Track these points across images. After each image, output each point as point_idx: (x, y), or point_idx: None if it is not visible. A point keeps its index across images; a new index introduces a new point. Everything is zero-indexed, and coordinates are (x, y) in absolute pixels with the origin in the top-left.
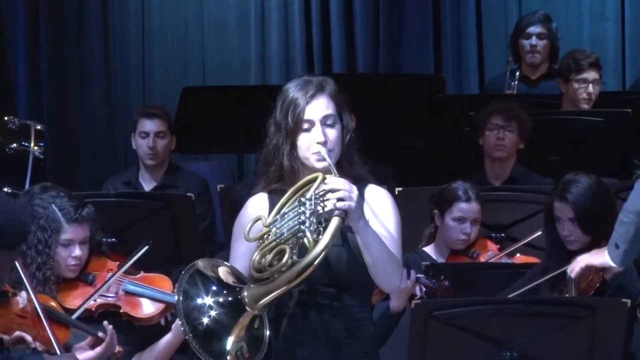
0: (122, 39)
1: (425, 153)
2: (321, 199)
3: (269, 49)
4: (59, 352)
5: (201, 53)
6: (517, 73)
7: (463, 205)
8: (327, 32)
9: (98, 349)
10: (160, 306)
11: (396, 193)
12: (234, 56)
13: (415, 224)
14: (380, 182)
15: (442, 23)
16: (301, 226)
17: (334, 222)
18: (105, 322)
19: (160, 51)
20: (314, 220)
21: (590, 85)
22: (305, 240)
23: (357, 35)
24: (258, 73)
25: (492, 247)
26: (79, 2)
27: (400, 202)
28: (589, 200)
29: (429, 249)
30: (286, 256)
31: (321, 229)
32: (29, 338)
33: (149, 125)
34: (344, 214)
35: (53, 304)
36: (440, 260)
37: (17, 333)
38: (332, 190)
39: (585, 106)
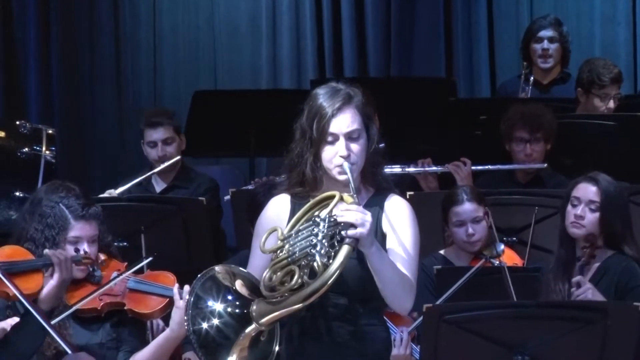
0: (133, 42)
1: (437, 156)
2: (334, 222)
3: (280, 52)
4: (29, 307)
5: (212, 57)
6: (532, 78)
7: (456, 208)
8: (339, 35)
9: (55, 276)
10: (163, 301)
11: (407, 197)
12: (245, 60)
13: (426, 228)
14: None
15: (454, 26)
16: (312, 249)
17: (344, 250)
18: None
19: (172, 55)
20: (326, 243)
21: (611, 101)
22: (315, 264)
23: (368, 38)
24: (269, 77)
25: (516, 258)
26: (90, 6)
27: (412, 206)
28: (617, 192)
29: (447, 252)
30: (295, 277)
31: (332, 253)
32: None
33: (154, 135)
34: (355, 242)
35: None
36: (458, 263)
37: None
38: (346, 217)
39: None
